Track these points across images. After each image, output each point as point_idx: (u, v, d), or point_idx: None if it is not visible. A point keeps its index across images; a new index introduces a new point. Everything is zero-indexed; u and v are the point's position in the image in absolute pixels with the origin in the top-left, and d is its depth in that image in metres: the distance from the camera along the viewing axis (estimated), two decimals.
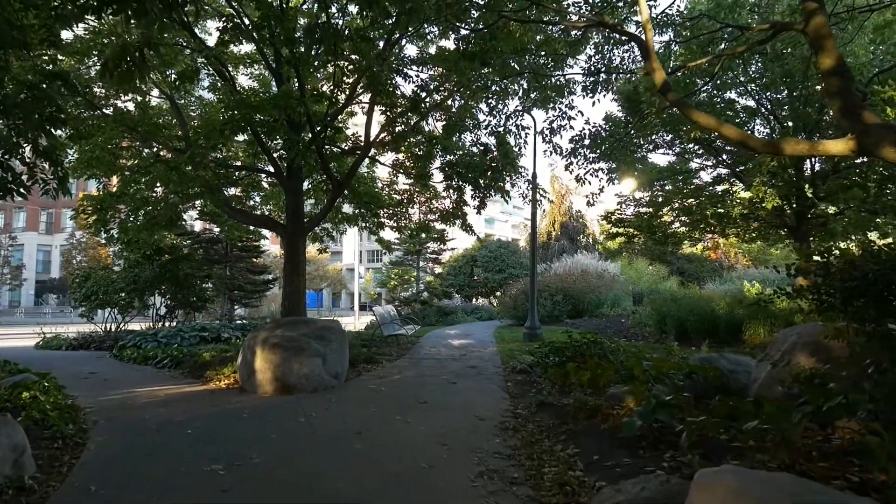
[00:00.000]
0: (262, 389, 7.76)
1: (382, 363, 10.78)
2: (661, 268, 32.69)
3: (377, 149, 12.96)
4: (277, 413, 6.48)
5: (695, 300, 13.33)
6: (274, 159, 11.42)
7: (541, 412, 6.31)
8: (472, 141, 11.68)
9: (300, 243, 11.58)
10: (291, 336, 8.03)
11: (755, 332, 11.74)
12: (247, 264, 22.24)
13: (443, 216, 14.52)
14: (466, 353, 12.55)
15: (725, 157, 12.89)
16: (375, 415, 6.39)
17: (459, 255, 35.78)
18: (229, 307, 21.90)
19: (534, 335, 14.75)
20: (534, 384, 8.24)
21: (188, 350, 11.89)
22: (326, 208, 11.66)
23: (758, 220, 12.59)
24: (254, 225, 13.34)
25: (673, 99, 5.39)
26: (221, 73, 10.69)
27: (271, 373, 7.69)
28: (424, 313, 25.27)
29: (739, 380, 6.31)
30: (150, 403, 7.16)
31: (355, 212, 14.82)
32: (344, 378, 8.61)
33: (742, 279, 23.33)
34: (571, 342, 9.13)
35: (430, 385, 8.37)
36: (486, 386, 8.28)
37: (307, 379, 7.74)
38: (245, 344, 8.37)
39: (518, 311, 21.67)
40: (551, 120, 9.03)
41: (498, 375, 9.29)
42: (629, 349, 9.08)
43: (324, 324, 8.68)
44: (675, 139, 13.13)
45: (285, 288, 11.49)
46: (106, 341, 15.30)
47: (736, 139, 5.20)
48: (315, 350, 7.97)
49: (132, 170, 9.22)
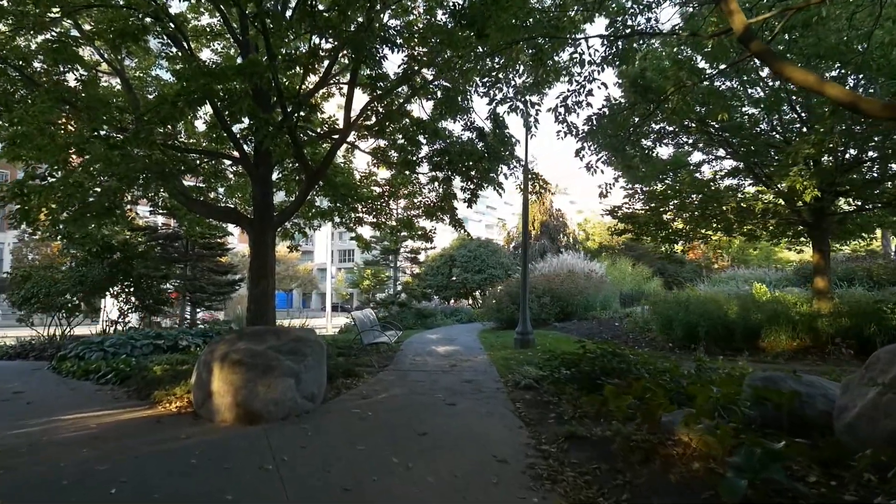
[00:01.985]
0: (221, 417, 6.29)
1: (364, 377, 9.37)
2: (644, 268, 31.82)
3: (358, 133, 11.54)
4: (238, 455, 5.03)
5: (703, 303, 12.22)
6: (238, 142, 9.91)
7: (574, 449, 5.01)
8: (465, 125, 10.32)
9: (269, 239, 10.10)
10: (257, 351, 6.56)
11: (775, 338, 10.66)
12: (210, 263, 20.45)
13: (428, 211, 13.12)
14: (456, 362, 11.22)
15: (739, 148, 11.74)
16: (365, 456, 4.99)
17: (437, 254, 34.35)
18: (191, 310, 20.17)
19: (526, 341, 13.52)
20: (549, 406, 6.94)
21: (137, 362, 10.31)
22: (299, 200, 10.18)
23: (775, 217, 11.51)
24: (216, 218, 11.77)
25: (757, 48, 4.13)
26: (175, 38, 9.18)
27: (231, 397, 6.23)
28: (403, 315, 23.87)
29: (816, 405, 5.06)
30: (72, 441, 5.63)
31: (330, 206, 13.34)
32: (321, 399, 7.18)
33: (732, 280, 22.52)
34: (586, 353, 7.87)
35: (425, 408, 7.00)
36: (493, 408, 6.94)
37: (276, 404, 6.29)
38: (200, 360, 6.87)
39: (502, 313, 20.45)
40: (565, 95, 7.72)
41: (501, 392, 7.97)
42: (649, 361, 7.83)
43: (297, 334, 7.20)
44: (682, 130, 11.97)
45: (251, 290, 9.99)
46: (48, 349, 13.52)
47: (845, 100, 3.99)
48: (286, 368, 6.52)
49: (65, 147, 7.60)
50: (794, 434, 4.81)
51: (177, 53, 9.55)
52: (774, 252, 37.63)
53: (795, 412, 4.96)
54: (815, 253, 11.47)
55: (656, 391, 5.02)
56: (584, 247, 38.97)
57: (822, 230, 11.32)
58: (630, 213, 12.80)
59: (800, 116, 11.28)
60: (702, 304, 12.15)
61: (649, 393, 5.07)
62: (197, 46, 11.84)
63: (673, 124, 10.95)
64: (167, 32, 9.26)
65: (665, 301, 13.55)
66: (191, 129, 12.99)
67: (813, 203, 9.76)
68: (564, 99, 7.79)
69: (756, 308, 11.40)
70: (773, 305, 11.41)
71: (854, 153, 10.56)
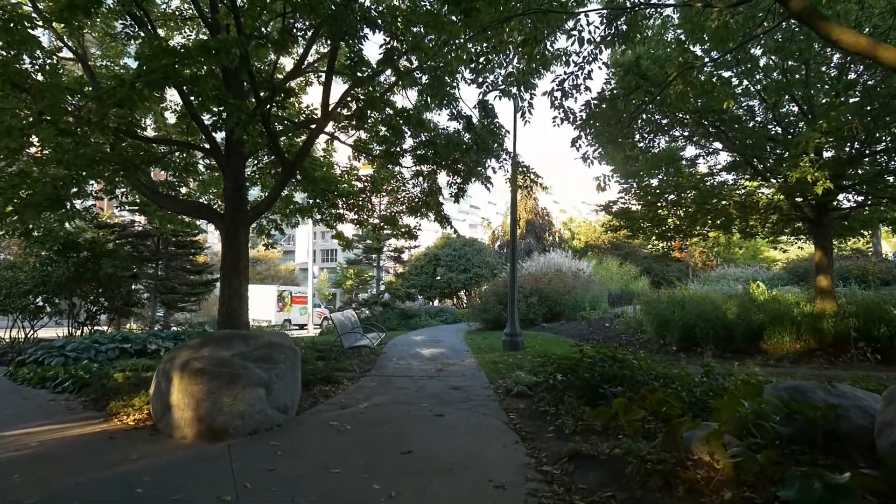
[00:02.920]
0: (180, 433, 5.60)
1: (344, 383, 8.71)
2: (631, 267, 31.40)
3: (337, 123, 10.86)
4: (194, 482, 4.35)
5: (699, 303, 11.71)
6: (208, 131, 9.19)
7: (580, 470, 4.39)
8: (452, 113, 9.66)
9: (242, 236, 9.40)
10: (223, 358, 5.88)
11: (778, 340, 10.17)
12: (183, 262, 19.50)
13: (412, 207, 12.46)
14: (442, 366, 10.61)
15: (735, 141, 11.23)
16: (342, 482, 4.33)
17: (421, 253, 33.63)
18: (166, 311, 19.27)
19: (515, 343, 12.94)
20: (546, 416, 6.34)
21: (100, 368, 9.56)
22: (274, 193, 9.48)
23: (776, 212, 11.01)
24: (185, 214, 11.00)
25: (798, 6, 3.54)
26: (138, 19, 8.47)
27: (192, 411, 5.54)
28: (386, 316, 23.20)
29: (851, 419, 4.50)
30: (5, 464, 4.91)
31: (309, 201, 12.63)
32: (295, 410, 6.51)
33: (723, 279, 22.10)
34: (583, 357, 7.28)
35: (410, 419, 6.36)
36: (484, 419, 6.32)
37: (243, 418, 5.61)
38: (159, 368, 6.18)
39: (489, 313, 19.88)
40: (562, 78, 7.10)
41: (491, 401, 7.36)
42: (651, 367, 7.28)
43: (269, 339, 6.52)
44: (677, 123, 11.45)
45: (223, 291, 9.29)
46: (8, 353, 12.70)
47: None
48: (255, 377, 5.85)
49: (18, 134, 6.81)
50: (828, 453, 4.26)
51: (139, 34, 8.81)
52: (761, 251, 37.49)
53: (829, 427, 4.40)
54: (816, 250, 11.01)
55: (674, 404, 4.42)
56: (569, 245, 38.47)
57: (824, 227, 10.86)
58: (625, 208, 12.23)
59: (801, 109, 10.81)
60: (698, 305, 11.64)
61: (665, 406, 4.47)
62: (168, 34, 11.10)
63: (668, 115, 10.41)
64: (129, 13, 8.53)
65: (659, 301, 13.03)
66: (161, 121, 12.21)
67: (820, 197, 9.30)
68: (561, 82, 7.16)
69: (756, 308, 10.91)
70: (774, 305, 10.94)
71: (862, 144, 10.07)
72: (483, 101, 9.17)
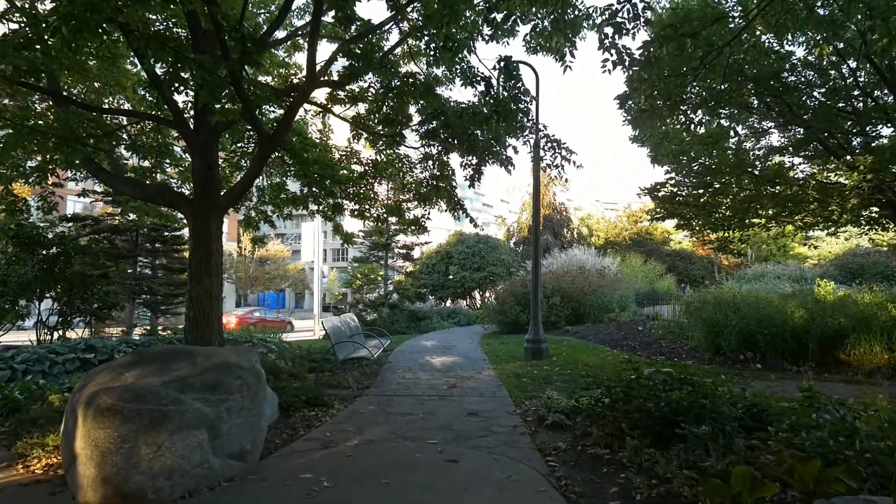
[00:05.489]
0: (84, 496, 3.91)
1: (334, 406, 7.04)
2: (656, 265, 29.53)
3: (331, 93, 9.19)
4: None
5: (756, 305, 9.93)
6: (171, 98, 7.55)
7: None
8: (467, 76, 7.93)
9: (213, 225, 7.74)
10: (148, 388, 4.16)
11: (868, 349, 8.34)
12: (164, 259, 17.81)
13: (419, 195, 10.66)
14: (456, 381, 8.94)
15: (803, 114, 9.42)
16: None
17: (433, 251, 31.86)
18: (153, 315, 17.66)
19: (538, 350, 11.24)
20: (598, 463, 4.63)
21: (45, 386, 7.96)
22: (251, 172, 7.78)
23: (858, 196, 9.18)
24: (148, 199, 9.36)
25: None
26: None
27: (96, 467, 3.85)
28: (394, 318, 21.52)
29: None
30: None
31: (304, 189, 10.93)
32: (259, 453, 4.81)
33: (762, 277, 20.20)
34: (639, 377, 5.53)
35: (413, 469, 4.63)
36: (513, 467, 4.59)
37: (172, 475, 3.91)
38: (70, 400, 4.51)
39: (506, 315, 18.17)
40: (615, 9, 5.32)
41: (520, 434, 5.67)
42: (736, 395, 5.47)
43: (223, 358, 4.79)
44: (733, 94, 9.62)
45: (191, 290, 7.64)
46: None
47: None
48: (193, 416, 4.14)
49: None
50: None
51: None
52: (791, 247, 35.45)
53: None
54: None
55: (810, 463, 2.66)
56: (589, 242, 36.57)
57: None
58: (674, 192, 10.36)
59: (883, 76, 8.97)
60: (755, 307, 9.85)
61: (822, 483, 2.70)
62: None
63: (728, 80, 8.59)
64: None
65: (705, 302, 11.25)
66: (132, 95, 10.59)
67: None
68: (613, 14, 5.42)
69: (831, 311, 9.10)
70: (853, 308, 9.13)
71: None
72: (507, 57, 7.42)
